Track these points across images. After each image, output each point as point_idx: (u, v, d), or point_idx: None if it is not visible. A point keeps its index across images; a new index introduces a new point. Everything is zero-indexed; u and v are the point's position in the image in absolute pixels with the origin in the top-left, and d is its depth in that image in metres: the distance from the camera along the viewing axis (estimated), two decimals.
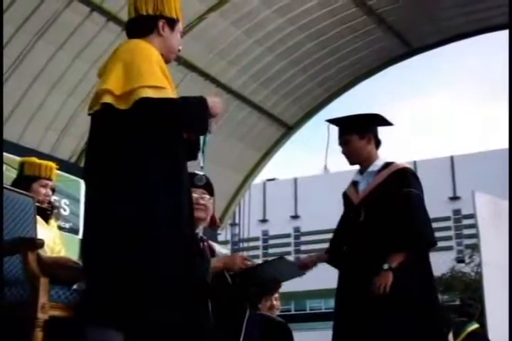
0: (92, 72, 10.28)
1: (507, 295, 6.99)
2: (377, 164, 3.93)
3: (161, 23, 2.89)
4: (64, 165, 9.46)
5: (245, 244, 27.34)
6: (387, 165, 3.93)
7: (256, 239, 38.47)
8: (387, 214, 3.70)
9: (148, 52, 2.75)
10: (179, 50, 3.00)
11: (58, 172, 4.69)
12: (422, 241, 3.71)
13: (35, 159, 4.39)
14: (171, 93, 2.67)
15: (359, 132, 3.92)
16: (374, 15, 12.18)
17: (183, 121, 2.69)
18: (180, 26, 2.98)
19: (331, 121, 4.05)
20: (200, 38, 10.90)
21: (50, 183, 4.29)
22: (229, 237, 22.89)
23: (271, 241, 41.10)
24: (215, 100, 2.79)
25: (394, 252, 3.64)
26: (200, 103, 2.73)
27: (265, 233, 41.54)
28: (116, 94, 2.60)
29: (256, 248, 39.55)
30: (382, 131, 4.06)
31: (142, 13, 2.89)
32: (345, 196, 4.06)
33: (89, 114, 2.78)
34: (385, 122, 4.06)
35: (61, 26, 9.61)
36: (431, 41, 13.52)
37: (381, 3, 11.89)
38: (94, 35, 10.00)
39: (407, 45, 13.34)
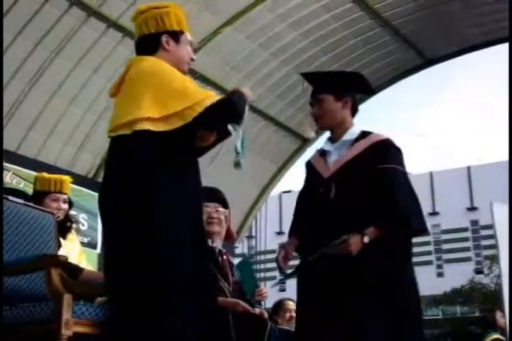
0: (110, 88, 10.35)
1: None
2: (354, 132, 3.33)
3: (164, 39, 2.94)
4: (82, 180, 9.53)
5: (262, 257, 27.25)
6: (364, 134, 3.33)
7: (273, 251, 38.13)
8: (365, 192, 3.12)
9: (169, 69, 2.81)
10: (192, 59, 3.03)
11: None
12: (407, 226, 3.06)
13: (45, 174, 4.34)
14: (215, 95, 2.75)
15: (335, 93, 3.34)
16: (389, 27, 12.22)
17: (241, 115, 2.79)
18: (186, 37, 3.01)
19: (305, 75, 3.59)
20: (216, 52, 10.97)
21: (61, 197, 4.22)
22: (246, 250, 22.83)
23: None
24: (246, 90, 2.88)
25: (372, 226, 3.04)
26: (242, 96, 2.83)
27: (282, 245, 41.42)
28: (155, 117, 2.67)
29: (273, 260, 39.35)
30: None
31: (145, 33, 2.95)
32: (310, 166, 3.48)
33: (110, 136, 2.79)
34: (366, 88, 3.51)
35: (78, 42, 9.71)
36: (446, 52, 13.52)
37: (396, 14, 11.92)
38: (111, 50, 10.09)
39: (422, 56, 13.35)
